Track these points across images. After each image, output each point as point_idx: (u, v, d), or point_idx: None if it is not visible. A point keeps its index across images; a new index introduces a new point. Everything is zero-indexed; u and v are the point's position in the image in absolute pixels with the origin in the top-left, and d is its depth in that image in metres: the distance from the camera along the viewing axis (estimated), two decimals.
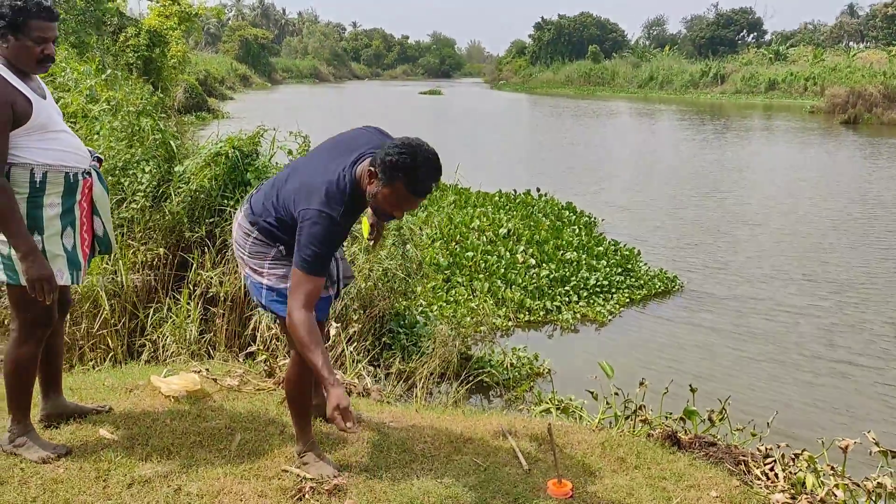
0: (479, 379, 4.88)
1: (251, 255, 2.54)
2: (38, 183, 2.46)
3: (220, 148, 5.00)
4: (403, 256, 5.15)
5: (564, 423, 3.53)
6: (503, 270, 7.11)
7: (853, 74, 33.48)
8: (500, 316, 6.28)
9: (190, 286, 4.72)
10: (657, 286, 7.30)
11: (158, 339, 4.52)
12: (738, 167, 16.15)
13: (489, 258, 7.34)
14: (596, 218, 9.96)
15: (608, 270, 7.40)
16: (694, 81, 46.57)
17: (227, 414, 3.07)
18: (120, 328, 4.64)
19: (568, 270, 7.29)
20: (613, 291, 7.08)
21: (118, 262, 4.67)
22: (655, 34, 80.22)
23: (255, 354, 4.08)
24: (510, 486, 2.62)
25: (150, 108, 5.60)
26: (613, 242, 8.38)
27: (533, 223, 8.70)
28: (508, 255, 7.51)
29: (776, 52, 49.54)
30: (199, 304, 4.65)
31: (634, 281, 7.34)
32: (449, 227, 8.12)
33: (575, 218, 9.55)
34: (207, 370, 3.58)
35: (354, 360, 4.42)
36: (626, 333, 6.30)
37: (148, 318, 4.64)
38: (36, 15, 2.41)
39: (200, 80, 30.72)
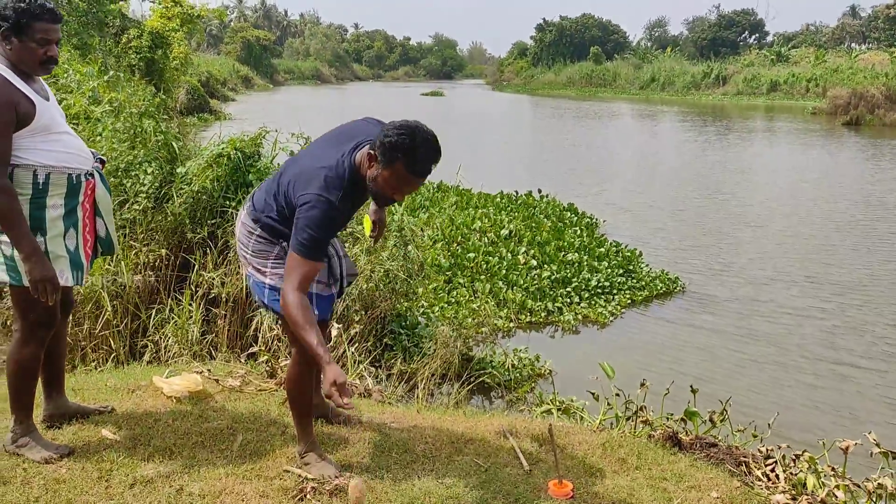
0: (480, 380, 4.89)
1: (254, 253, 2.55)
2: (41, 184, 2.47)
3: (222, 149, 5.02)
4: (405, 257, 5.15)
5: (565, 423, 3.53)
6: (504, 271, 7.12)
7: (855, 76, 33.47)
8: (501, 317, 6.28)
9: (192, 287, 4.73)
10: (659, 287, 7.30)
11: (160, 339, 4.54)
12: (740, 168, 16.15)
13: (491, 259, 7.34)
14: (597, 219, 9.96)
15: (610, 272, 7.40)
16: (696, 83, 46.57)
17: (228, 414, 3.08)
18: (122, 329, 4.65)
19: (569, 272, 7.30)
20: (615, 293, 7.08)
21: (120, 263, 4.68)
22: (657, 35, 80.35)
23: (256, 355, 4.09)
24: (511, 486, 2.62)
25: (152, 109, 5.62)
26: (615, 244, 8.38)
27: (534, 224, 8.70)
28: (510, 256, 7.51)
29: (778, 53, 49.53)
30: (200, 304, 4.67)
31: (636, 282, 7.34)
32: (450, 228, 8.13)
33: (576, 219, 9.55)
34: (209, 371, 3.59)
35: (356, 360, 4.43)
36: (627, 335, 6.30)
37: (150, 318, 4.66)
38: (39, 17, 2.42)
39: (202, 81, 30.75)
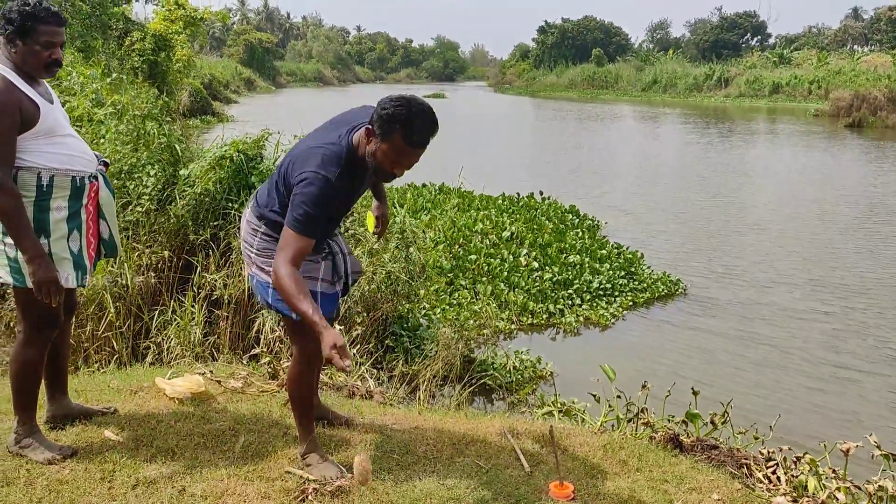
0: (481, 382, 4.90)
1: (259, 252, 2.55)
2: (44, 186, 2.48)
3: (224, 151, 5.03)
4: (407, 259, 5.16)
5: (567, 425, 3.53)
6: (506, 273, 7.13)
7: (857, 78, 33.43)
8: (502, 319, 6.29)
9: (194, 289, 4.75)
10: (660, 289, 7.30)
11: (163, 341, 4.55)
12: (742, 171, 16.14)
13: (492, 261, 7.35)
14: (599, 221, 9.95)
15: (611, 274, 7.40)
16: (697, 85, 46.56)
17: (230, 416, 3.09)
18: (125, 330, 4.67)
19: (571, 273, 7.30)
20: (616, 295, 7.08)
21: (123, 264, 4.70)
22: (659, 38, 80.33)
23: (258, 357, 4.10)
24: (512, 488, 2.63)
25: (155, 111, 5.64)
26: (616, 246, 8.38)
27: (536, 226, 8.70)
28: (511, 258, 7.52)
29: (780, 55, 49.47)
30: (203, 306, 4.68)
31: (637, 284, 7.34)
32: (452, 230, 8.13)
33: (578, 221, 9.55)
34: (211, 372, 3.61)
35: (358, 362, 4.44)
36: (628, 337, 6.30)
37: (153, 320, 4.67)
38: (44, 20, 2.44)
39: (205, 83, 30.80)
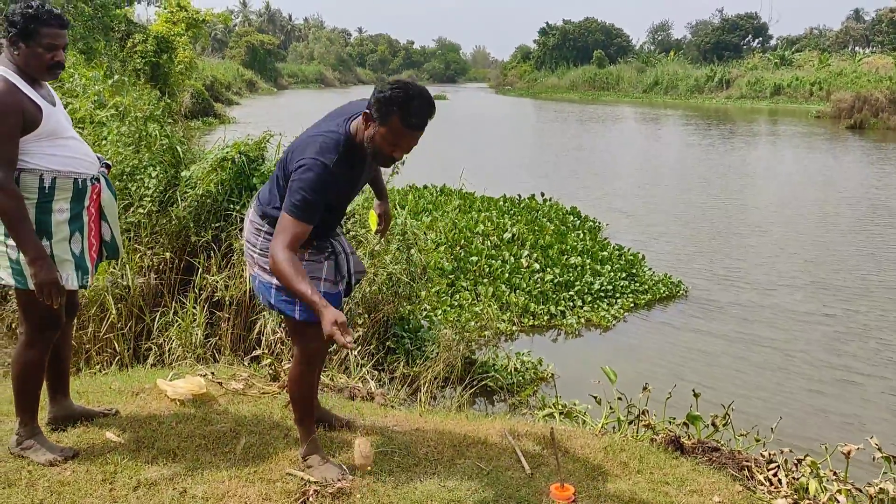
0: (482, 383, 4.90)
1: (262, 252, 2.55)
2: (47, 188, 2.49)
3: (226, 153, 5.04)
4: (408, 261, 5.17)
5: (568, 427, 3.53)
6: (507, 275, 7.13)
7: (859, 79, 33.45)
8: (504, 320, 6.29)
9: (196, 290, 4.75)
10: (661, 291, 7.29)
11: (164, 342, 4.56)
12: (743, 172, 16.13)
13: (493, 263, 7.35)
14: (600, 223, 9.95)
15: (612, 275, 7.40)
16: (699, 86, 46.56)
17: (232, 417, 3.09)
18: (126, 332, 4.67)
19: (572, 275, 7.30)
20: (618, 296, 7.08)
21: (125, 266, 4.71)
22: (660, 39, 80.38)
23: (259, 358, 4.10)
24: (513, 489, 2.63)
25: (157, 113, 5.65)
26: (618, 247, 8.38)
27: (537, 228, 8.70)
28: (513, 259, 7.52)
29: (781, 56, 49.47)
30: (204, 307, 4.69)
31: (639, 286, 7.34)
32: (453, 231, 8.13)
33: (579, 222, 9.55)
34: (213, 374, 3.61)
35: (359, 363, 4.44)
36: (629, 338, 6.29)
37: (154, 321, 4.68)
38: (46, 22, 2.44)
39: (207, 85, 30.87)
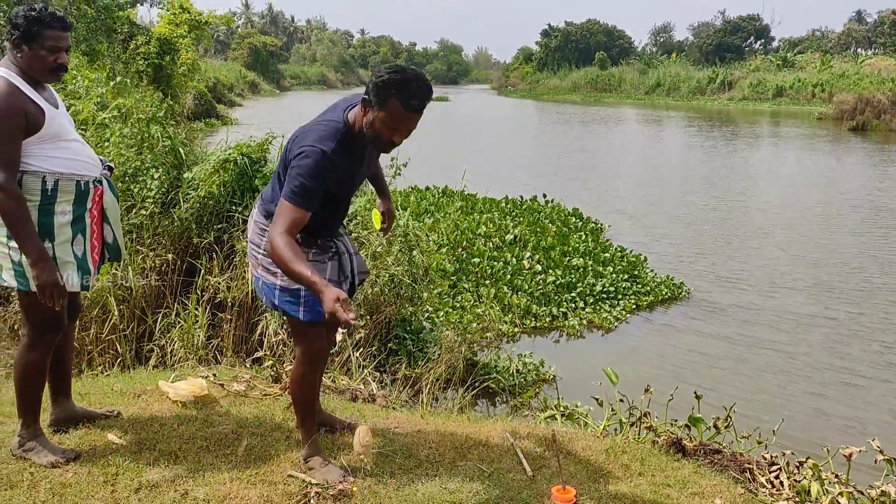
0: (484, 385, 4.90)
1: (266, 252, 2.54)
2: (49, 191, 2.50)
3: (228, 154, 5.05)
4: (410, 262, 5.17)
5: (569, 429, 3.53)
6: (509, 276, 7.12)
7: (861, 81, 33.41)
8: (506, 322, 6.29)
9: (198, 292, 4.76)
10: (664, 293, 7.29)
11: (166, 344, 4.57)
12: (746, 174, 16.12)
13: (495, 264, 7.35)
14: (602, 224, 9.95)
15: (614, 277, 7.40)
16: (701, 88, 46.53)
17: (233, 419, 3.09)
18: (128, 333, 4.68)
19: (574, 276, 7.30)
20: (620, 298, 7.08)
21: (127, 267, 4.71)
22: (662, 41, 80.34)
23: (261, 360, 4.11)
24: (514, 492, 2.63)
25: (159, 115, 5.66)
26: (620, 249, 8.38)
27: (539, 229, 8.70)
28: (515, 261, 7.52)
29: (784, 58, 49.43)
30: (206, 309, 4.69)
31: (641, 287, 7.34)
32: (455, 233, 8.14)
33: (581, 224, 9.55)
34: (215, 375, 3.61)
35: (360, 365, 4.44)
36: (632, 340, 6.29)
37: (156, 323, 4.68)
38: (49, 25, 2.45)
39: (210, 87, 30.93)
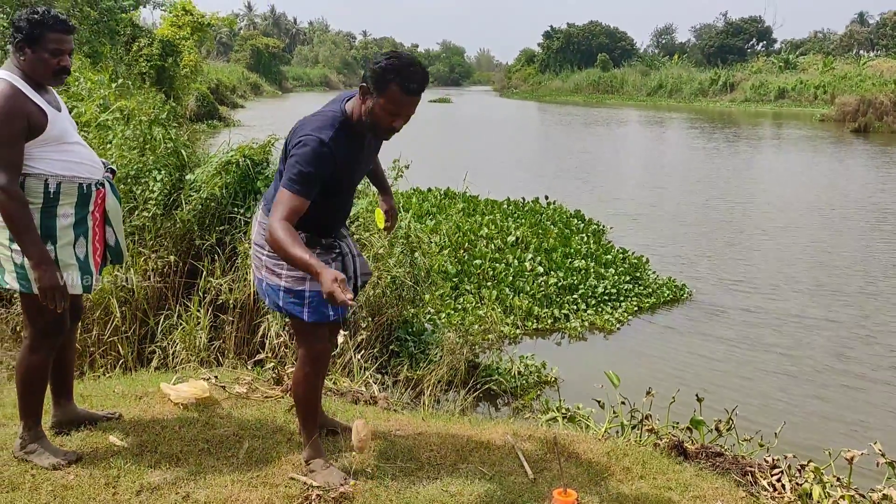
0: (486, 387, 4.90)
1: (270, 254, 2.54)
2: (51, 193, 2.50)
3: (231, 156, 5.05)
4: (412, 264, 5.17)
5: (571, 431, 3.52)
6: (511, 278, 7.12)
7: (863, 83, 33.38)
8: (507, 324, 6.29)
9: (200, 293, 4.76)
10: (666, 295, 7.28)
11: (168, 346, 4.57)
12: (748, 176, 16.10)
13: (497, 266, 7.35)
14: (604, 226, 9.95)
15: (616, 278, 7.39)
16: (703, 90, 46.49)
17: (235, 421, 3.10)
18: (130, 335, 4.68)
19: (576, 278, 7.29)
20: (622, 300, 7.07)
21: (129, 269, 4.72)
22: (664, 43, 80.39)
23: (263, 362, 4.10)
24: (515, 494, 2.62)
25: (162, 117, 5.67)
26: (622, 250, 8.37)
27: (541, 231, 8.70)
28: (517, 262, 7.52)
29: (786, 60, 49.39)
30: (208, 311, 4.70)
31: (643, 289, 7.33)
32: (457, 234, 8.14)
33: (583, 226, 9.55)
34: (216, 377, 3.62)
35: (362, 367, 4.44)
36: (633, 342, 6.28)
37: (158, 325, 4.69)
38: (52, 28, 2.46)
39: (212, 88, 30.98)
